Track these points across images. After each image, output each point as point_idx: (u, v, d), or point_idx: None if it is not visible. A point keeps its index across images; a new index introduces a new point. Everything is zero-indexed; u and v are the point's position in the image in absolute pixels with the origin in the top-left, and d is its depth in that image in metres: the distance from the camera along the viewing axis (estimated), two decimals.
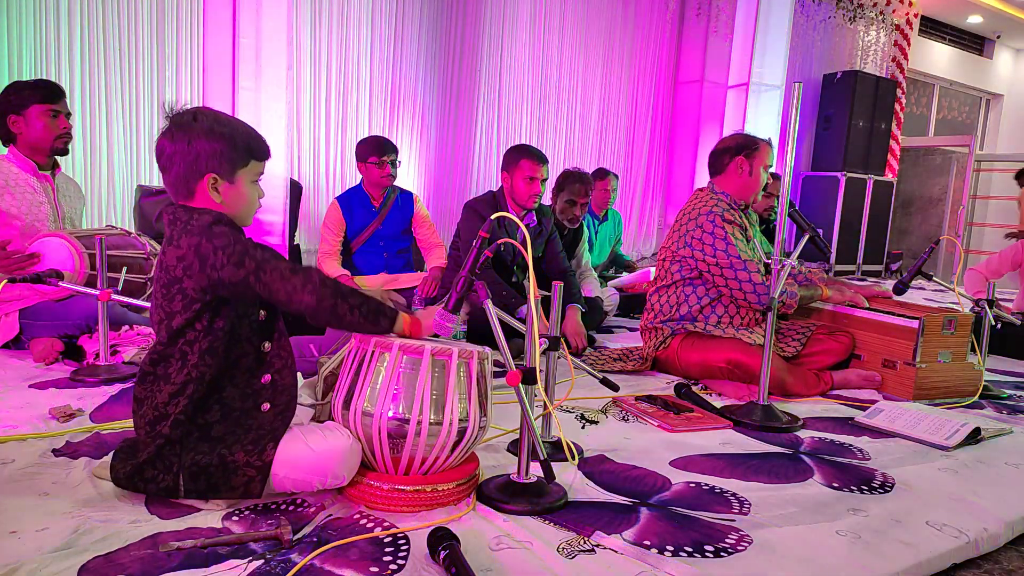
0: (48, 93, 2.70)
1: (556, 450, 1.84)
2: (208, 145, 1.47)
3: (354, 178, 4.53)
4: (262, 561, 1.29)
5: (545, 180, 3.27)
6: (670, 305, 2.84)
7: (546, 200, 4.00)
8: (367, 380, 1.52)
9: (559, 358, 1.88)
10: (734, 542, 1.47)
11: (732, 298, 2.74)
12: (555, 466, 1.59)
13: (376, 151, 3.61)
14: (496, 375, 1.69)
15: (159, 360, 1.49)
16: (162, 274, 1.49)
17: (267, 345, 1.55)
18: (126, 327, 2.77)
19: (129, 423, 1.91)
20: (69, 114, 2.79)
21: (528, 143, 5.37)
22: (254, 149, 1.54)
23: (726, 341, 2.70)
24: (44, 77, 3.78)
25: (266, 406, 1.52)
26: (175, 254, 1.46)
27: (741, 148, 2.83)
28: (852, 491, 1.79)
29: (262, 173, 1.59)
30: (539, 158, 3.25)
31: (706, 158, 2.98)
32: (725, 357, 2.66)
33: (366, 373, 1.53)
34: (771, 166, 2.86)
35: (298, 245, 4.64)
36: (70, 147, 2.83)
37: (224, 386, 1.50)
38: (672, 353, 2.82)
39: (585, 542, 1.44)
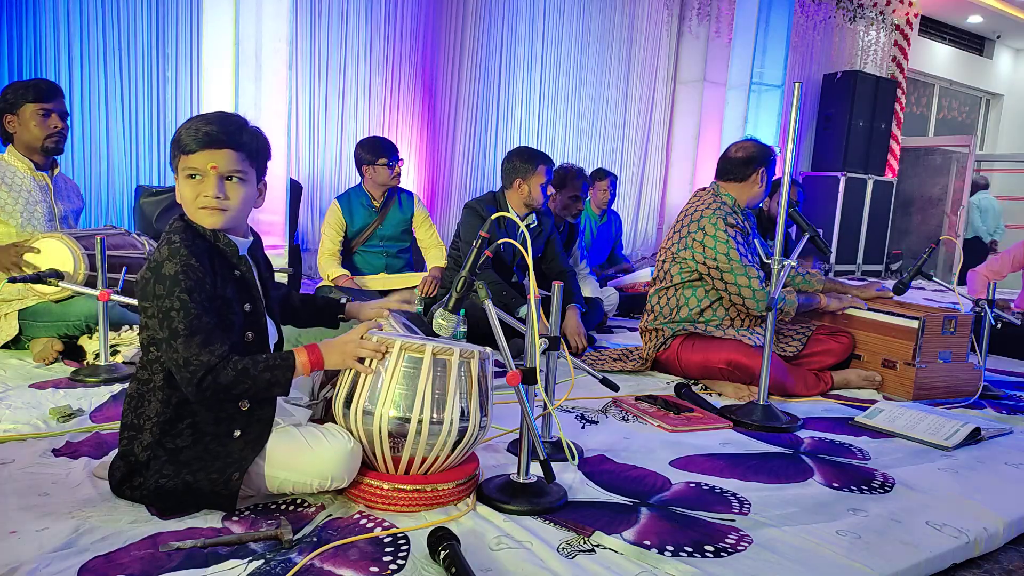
0: (41, 92, 2.70)
1: (556, 450, 1.84)
2: None
3: (354, 178, 4.52)
4: (262, 561, 1.29)
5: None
6: (670, 307, 2.83)
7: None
8: (368, 379, 1.52)
9: (559, 358, 1.88)
10: (734, 542, 1.47)
11: (731, 302, 2.74)
12: (555, 466, 1.59)
13: (387, 152, 3.62)
14: (496, 375, 1.69)
15: (145, 366, 1.50)
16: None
17: None
18: (126, 327, 2.77)
19: None
20: (65, 114, 2.78)
21: (527, 144, 5.39)
22: (178, 142, 1.47)
23: (726, 342, 2.70)
24: (44, 77, 3.78)
25: (237, 432, 1.47)
26: (141, 276, 1.47)
27: (764, 159, 2.79)
28: (852, 491, 1.79)
29: (197, 168, 1.46)
30: (552, 162, 3.34)
31: (706, 158, 2.98)
32: (725, 358, 2.66)
33: (367, 371, 1.53)
34: None
35: (298, 245, 4.65)
36: (70, 147, 2.83)
37: (196, 410, 1.46)
38: (672, 354, 2.81)
39: (585, 542, 1.44)
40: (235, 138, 1.48)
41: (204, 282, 1.43)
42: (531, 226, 3.36)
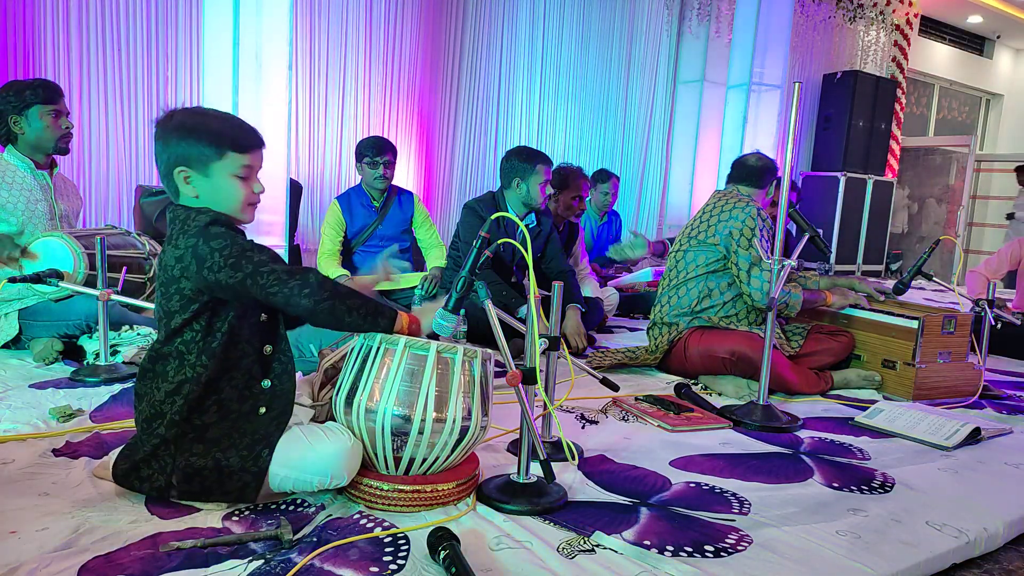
0: (49, 93, 2.70)
1: (556, 450, 1.84)
2: (177, 141, 1.48)
3: (354, 178, 4.53)
4: (262, 561, 1.29)
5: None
6: (690, 298, 2.83)
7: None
8: (371, 376, 1.52)
9: (559, 358, 1.88)
10: (734, 542, 1.47)
11: (741, 292, 2.75)
12: (555, 466, 1.59)
13: (369, 151, 3.62)
14: (496, 375, 1.69)
15: (157, 358, 1.49)
16: (161, 273, 1.49)
17: (268, 348, 1.54)
18: (126, 327, 2.77)
19: (129, 423, 1.91)
20: (68, 112, 2.79)
21: (527, 143, 5.39)
22: (230, 139, 1.49)
23: (732, 333, 2.70)
24: (44, 77, 3.78)
25: (263, 410, 1.51)
26: (173, 254, 1.46)
27: (777, 171, 2.94)
28: (852, 491, 1.79)
29: (251, 166, 1.52)
30: (551, 161, 3.35)
31: (706, 158, 3.05)
32: (729, 348, 2.66)
33: (370, 369, 1.53)
34: None
35: (298, 245, 4.64)
36: (70, 147, 2.83)
37: (222, 387, 1.48)
38: (680, 345, 2.81)
39: (585, 542, 1.44)
40: None
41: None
42: (530, 226, 3.36)
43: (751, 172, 2.90)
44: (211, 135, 1.48)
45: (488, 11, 5.67)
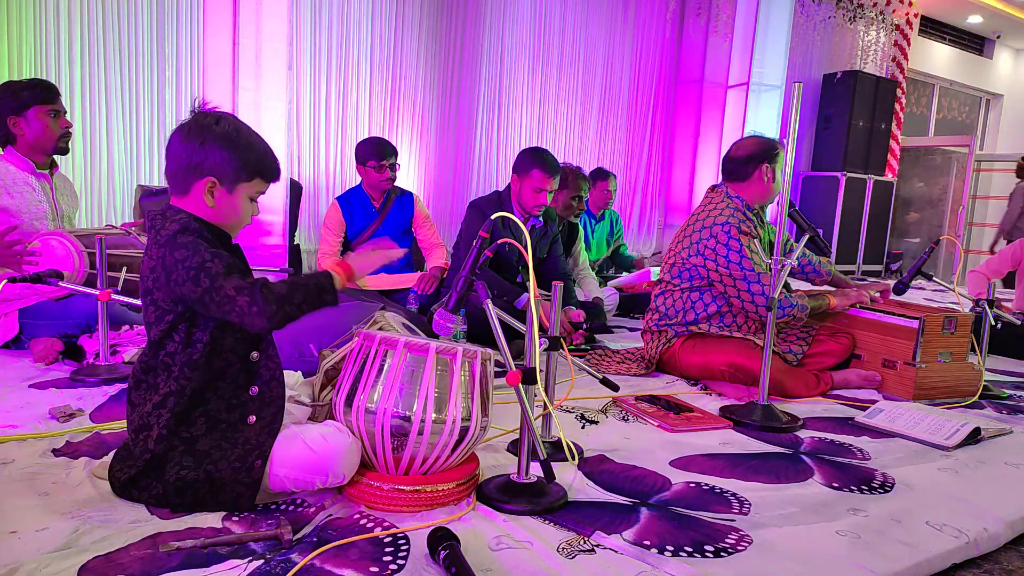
0: (47, 94, 2.70)
1: (556, 450, 1.84)
2: (219, 151, 1.45)
3: (354, 178, 4.53)
4: (262, 561, 1.29)
5: (553, 191, 3.21)
6: (675, 310, 2.81)
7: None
8: (371, 377, 1.52)
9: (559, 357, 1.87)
10: (734, 542, 1.47)
11: (743, 309, 2.69)
12: (555, 466, 1.59)
13: (375, 155, 3.60)
14: (496, 375, 1.69)
15: (148, 369, 1.48)
16: (141, 283, 1.48)
17: (255, 355, 1.51)
18: (126, 327, 2.77)
19: None
20: (66, 112, 2.79)
21: (527, 143, 5.40)
22: (264, 168, 1.52)
23: (728, 344, 2.69)
24: (44, 77, 3.78)
25: (252, 418, 1.49)
26: (147, 264, 1.45)
27: (766, 155, 2.71)
28: (852, 491, 1.79)
29: (263, 192, 1.56)
30: (552, 170, 3.15)
31: (706, 158, 2.96)
32: (727, 360, 2.64)
33: (370, 370, 1.53)
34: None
35: (298, 245, 4.65)
36: (70, 146, 2.83)
37: (208, 398, 1.46)
38: (674, 353, 2.81)
39: (585, 542, 1.44)
40: None
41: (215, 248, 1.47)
42: (536, 227, 3.34)
43: (734, 164, 2.74)
44: (254, 158, 1.49)
45: (489, 11, 5.68)
